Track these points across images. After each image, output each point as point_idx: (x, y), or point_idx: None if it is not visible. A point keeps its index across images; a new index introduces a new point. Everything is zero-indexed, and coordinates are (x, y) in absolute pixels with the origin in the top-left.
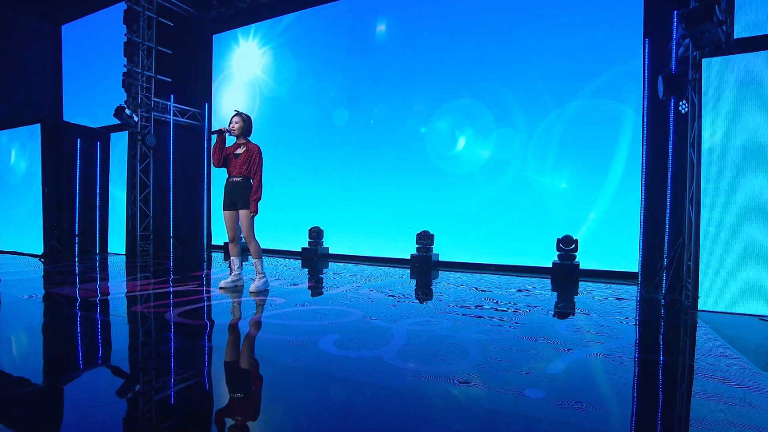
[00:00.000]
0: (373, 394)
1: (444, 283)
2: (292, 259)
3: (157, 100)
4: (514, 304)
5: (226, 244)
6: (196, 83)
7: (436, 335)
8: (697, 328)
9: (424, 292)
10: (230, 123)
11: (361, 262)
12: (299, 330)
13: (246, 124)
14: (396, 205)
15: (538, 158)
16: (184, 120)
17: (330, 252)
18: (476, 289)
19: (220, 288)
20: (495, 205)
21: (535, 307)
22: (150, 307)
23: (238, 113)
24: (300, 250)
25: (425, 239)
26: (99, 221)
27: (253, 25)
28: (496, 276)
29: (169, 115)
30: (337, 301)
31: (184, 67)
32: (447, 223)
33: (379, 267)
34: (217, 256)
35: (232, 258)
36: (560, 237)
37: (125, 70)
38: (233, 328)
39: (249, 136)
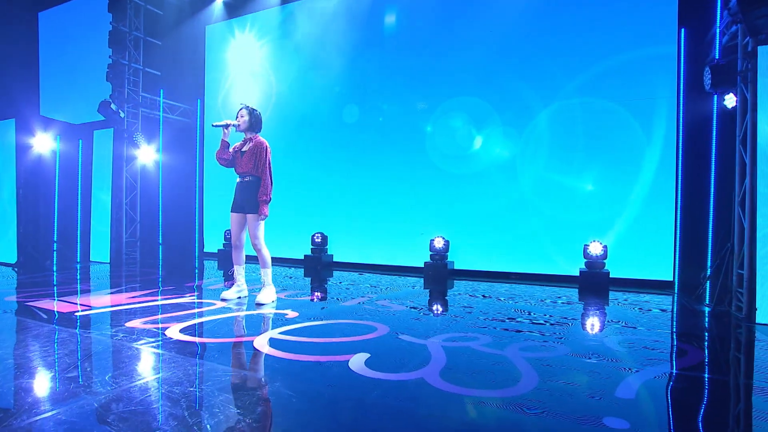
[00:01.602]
0: (427, 426)
1: (465, 293)
2: (293, 268)
3: (146, 95)
4: (549, 316)
5: (221, 251)
6: (187, 77)
7: (478, 353)
8: (760, 344)
9: (447, 303)
10: (237, 117)
11: (370, 270)
12: (323, 348)
13: (254, 118)
14: (406, 208)
15: (562, 158)
16: (174, 117)
17: (335, 260)
18: (502, 299)
19: (223, 299)
20: (515, 209)
21: (573, 319)
22: (146, 323)
23: (245, 106)
24: (302, 257)
25: (440, 246)
26: (80, 226)
27: (250, 16)
28: (519, 285)
29: (159, 111)
30: (356, 314)
31: (175, 59)
32: (462, 228)
33: (389, 276)
34: (210, 265)
35: (236, 266)
36: (587, 243)
37: (110, 61)
38: (247, 346)
39: (258, 132)
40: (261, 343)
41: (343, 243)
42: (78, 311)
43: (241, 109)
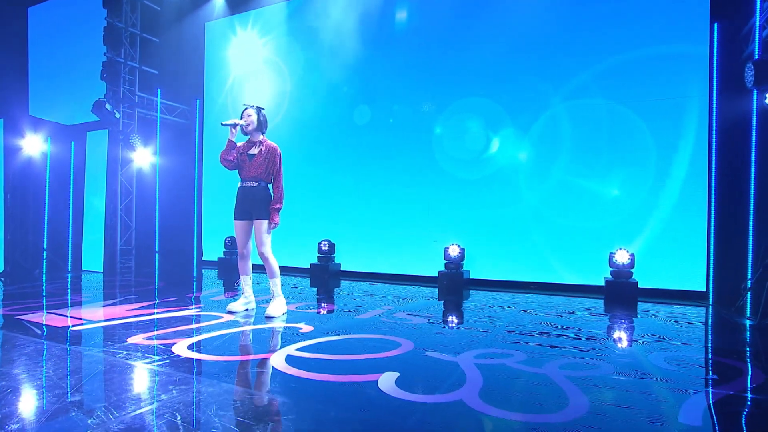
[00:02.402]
0: None
1: (485, 304)
2: (298, 277)
3: (142, 94)
4: (580, 329)
5: (221, 260)
6: (186, 77)
7: (516, 371)
8: None
9: (469, 315)
10: (241, 117)
11: (380, 280)
12: (346, 367)
13: (261, 117)
14: (418, 214)
15: (585, 161)
16: (172, 118)
17: (342, 269)
18: (526, 311)
19: (230, 312)
20: (534, 215)
21: (608, 333)
22: (149, 339)
23: (250, 106)
24: (308, 266)
25: (455, 254)
26: (72, 233)
27: (252, 12)
28: (540, 296)
29: (156, 111)
30: (374, 327)
31: (174, 58)
32: (478, 236)
33: (401, 285)
34: (210, 274)
35: (242, 277)
36: (613, 251)
37: (105, 59)
38: (263, 365)
39: (264, 132)
40: (278, 361)
41: (352, 251)
42: (73, 325)
43: (246, 109)
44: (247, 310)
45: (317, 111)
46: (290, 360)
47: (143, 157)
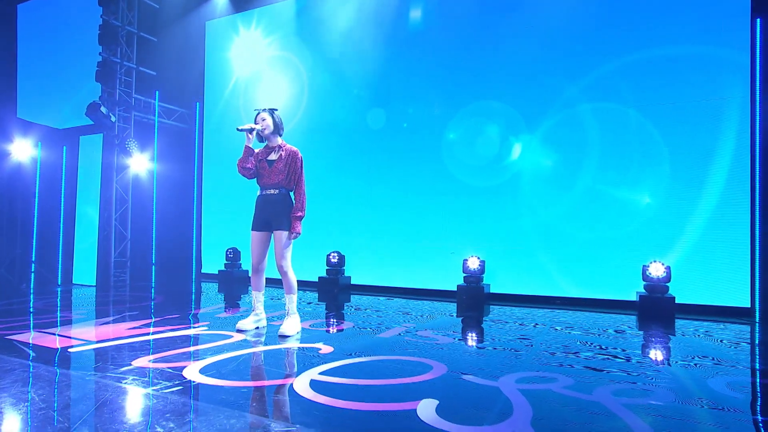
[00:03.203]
0: None
1: (511, 321)
2: (306, 291)
3: (139, 97)
4: (623, 350)
5: (222, 272)
6: (186, 78)
7: (565, 398)
8: None
9: (498, 334)
10: (255, 121)
11: (394, 294)
12: (378, 393)
13: (277, 120)
14: (434, 224)
15: (614, 167)
16: (170, 122)
17: (353, 282)
18: (558, 328)
19: (239, 331)
20: (559, 225)
21: (656, 354)
22: (157, 362)
23: (263, 109)
24: (316, 279)
25: (475, 266)
26: (62, 244)
27: (256, 10)
28: (568, 312)
29: (154, 115)
30: (399, 348)
31: (172, 58)
32: (499, 247)
33: (416, 301)
34: (210, 288)
35: (254, 293)
36: (647, 264)
37: (100, 59)
38: (286, 391)
39: (281, 134)
40: (302, 386)
41: (362, 263)
42: (70, 346)
43: (259, 113)
44: (257, 328)
45: (324, 114)
46: (315, 386)
47: (140, 164)
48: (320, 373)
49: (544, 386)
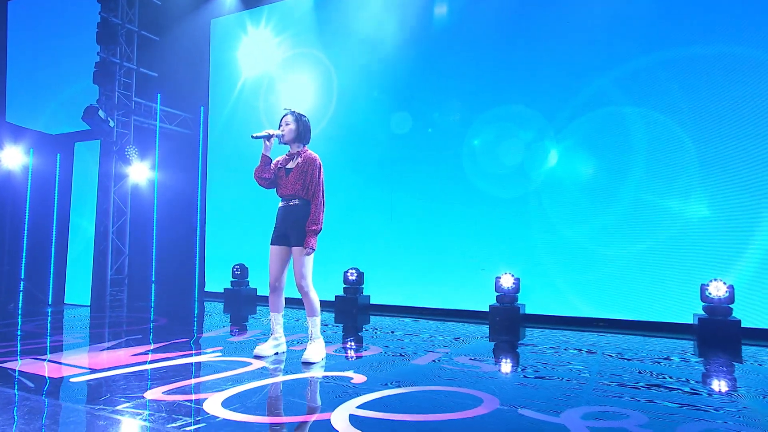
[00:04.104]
0: None
1: (556, 346)
2: (323, 312)
3: (140, 100)
4: (692, 381)
5: (228, 291)
6: (189, 81)
7: None
8: None
9: (545, 360)
10: (280, 125)
11: (419, 315)
12: (429, 431)
13: (302, 126)
14: (462, 238)
15: (664, 176)
16: (173, 127)
17: (372, 302)
18: (612, 355)
19: (257, 357)
20: (601, 239)
21: (734, 386)
22: (171, 393)
23: (290, 112)
24: (333, 299)
25: (509, 285)
26: (54, 260)
27: (266, 7)
28: (615, 336)
29: (155, 119)
30: (439, 376)
31: (175, 59)
32: (535, 264)
33: (445, 322)
34: (215, 308)
35: (272, 314)
36: (706, 283)
37: (98, 59)
38: (324, 427)
39: (306, 143)
40: (341, 422)
41: (383, 281)
42: (72, 375)
43: (285, 116)
44: (277, 354)
45: (340, 118)
46: (355, 421)
47: (140, 172)
48: (358, 407)
49: (617, 424)
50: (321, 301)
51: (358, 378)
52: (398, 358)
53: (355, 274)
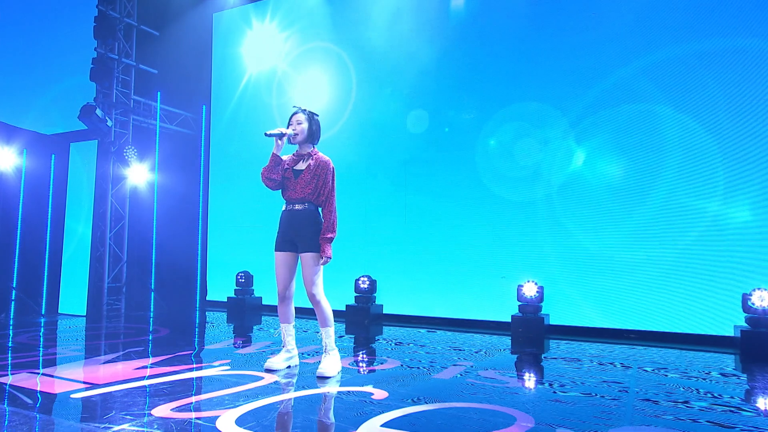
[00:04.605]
0: None
1: (586, 359)
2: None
3: (139, 98)
4: (741, 399)
5: (231, 300)
6: (190, 78)
7: None
8: None
9: (577, 375)
10: (289, 124)
11: (435, 326)
12: None
13: (314, 126)
14: (481, 244)
15: (699, 175)
16: (174, 127)
17: (385, 311)
18: (648, 370)
19: (268, 371)
20: (632, 244)
21: None
22: (180, 410)
23: (301, 110)
24: (344, 309)
25: (532, 294)
26: (48, 267)
27: (271, 0)
28: (649, 349)
29: (155, 119)
30: (465, 392)
31: (176, 55)
32: (559, 271)
33: (464, 333)
34: (217, 318)
35: (283, 325)
36: (749, 292)
37: (95, 55)
38: None
39: (316, 143)
40: None
41: (396, 289)
42: (72, 391)
43: (296, 113)
44: (289, 367)
45: (353, 119)
46: None
47: (139, 175)
48: (383, 425)
49: None
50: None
51: (379, 393)
52: (419, 372)
53: (367, 282)
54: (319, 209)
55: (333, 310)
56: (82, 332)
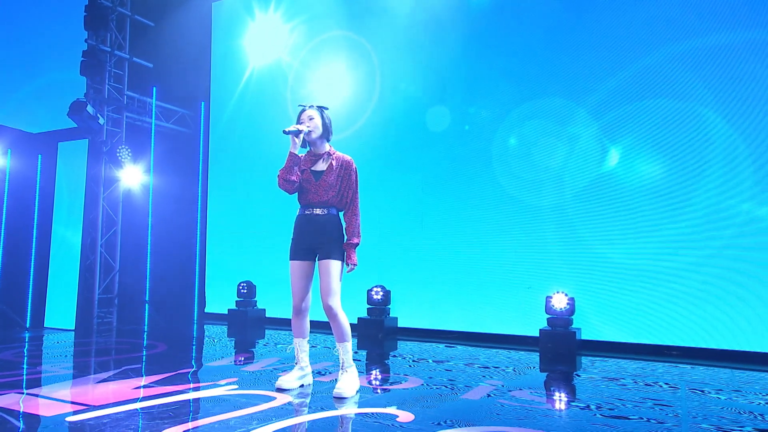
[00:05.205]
0: None
1: (628, 378)
2: None
3: (133, 94)
4: None
5: (232, 312)
6: (188, 72)
7: None
8: None
9: (621, 396)
10: (300, 122)
11: (455, 340)
12: None
13: (327, 121)
14: (504, 251)
15: (750, 176)
16: (170, 125)
17: (400, 325)
18: (702, 391)
19: (279, 390)
20: (673, 253)
21: None
22: None
23: (309, 106)
24: (355, 321)
25: (562, 306)
26: (34, 277)
27: None
28: (696, 368)
29: (150, 116)
30: (498, 414)
31: (173, 47)
32: (591, 281)
33: (486, 349)
34: (217, 332)
35: (296, 340)
36: None
37: (86, 47)
38: None
39: (329, 140)
40: None
41: (412, 301)
42: (71, 413)
43: (305, 110)
44: (302, 386)
45: (362, 117)
46: None
47: (133, 177)
48: None
49: None
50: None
51: (404, 416)
52: (445, 392)
53: (381, 293)
54: (340, 213)
55: None
56: (71, 348)
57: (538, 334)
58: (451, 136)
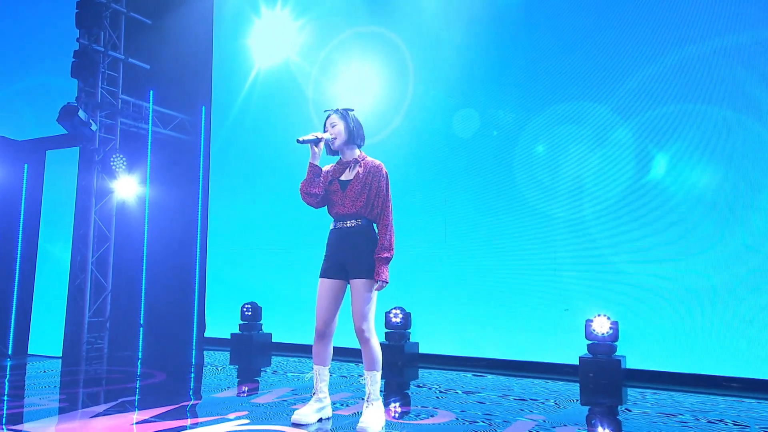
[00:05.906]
0: None
1: (687, 413)
2: (359, 363)
3: (128, 98)
4: None
5: (236, 336)
6: (188, 74)
7: None
8: None
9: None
10: (325, 128)
11: (483, 369)
12: None
13: (353, 125)
14: (537, 269)
15: None
16: (167, 131)
17: (421, 351)
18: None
19: (296, 425)
20: (729, 272)
21: None
22: None
23: (334, 111)
24: None
25: (603, 330)
26: (17, 299)
27: None
28: (757, 401)
29: (146, 122)
30: None
31: (171, 47)
32: (637, 303)
33: (519, 378)
34: (218, 359)
35: (317, 368)
36: None
37: (78, 47)
38: None
39: (361, 145)
40: None
41: (434, 325)
42: None
43: (329, 116)
44: (320, 420)
45: (380, 122)
46: None
47: (127, 188)
48: None
49: None
50: (355, 350)
51: None
52: (481, 428)
53: (401, 316)
54: (373, 224)
55: (357, 349)
56: (58, 378)
57: (577, 362)
58: (477, 142)
